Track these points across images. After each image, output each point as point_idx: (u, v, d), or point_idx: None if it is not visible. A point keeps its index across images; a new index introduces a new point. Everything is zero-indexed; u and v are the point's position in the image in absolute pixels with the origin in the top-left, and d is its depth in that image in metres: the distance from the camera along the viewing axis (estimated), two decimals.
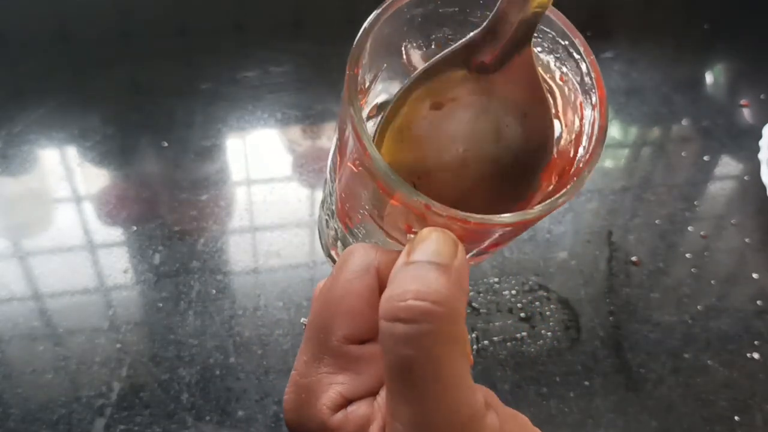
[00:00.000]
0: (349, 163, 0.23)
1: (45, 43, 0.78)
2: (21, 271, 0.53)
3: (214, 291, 0.51)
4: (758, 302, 0.52)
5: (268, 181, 0.62)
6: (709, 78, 0.81)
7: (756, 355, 0.48)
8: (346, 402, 0.19)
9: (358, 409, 0.19)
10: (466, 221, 0.19)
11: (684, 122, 0.72)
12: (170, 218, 0.57)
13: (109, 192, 0.61)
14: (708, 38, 0.85)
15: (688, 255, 0.56)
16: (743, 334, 0.49)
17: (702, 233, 0.58)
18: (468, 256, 0.21)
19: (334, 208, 0.29)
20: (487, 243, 0.22)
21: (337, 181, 0.26)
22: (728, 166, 0.66)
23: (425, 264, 0.18)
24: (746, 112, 0.73)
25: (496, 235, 0.21)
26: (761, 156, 0.59)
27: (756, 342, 0.49)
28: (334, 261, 0.33)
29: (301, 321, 0.26)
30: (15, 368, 0.46)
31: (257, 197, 0.60)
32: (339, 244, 0.31)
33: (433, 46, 0.27)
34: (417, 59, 0.27)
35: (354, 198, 0.25)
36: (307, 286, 0.52)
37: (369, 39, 0.26)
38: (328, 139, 0.67)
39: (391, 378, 0.18)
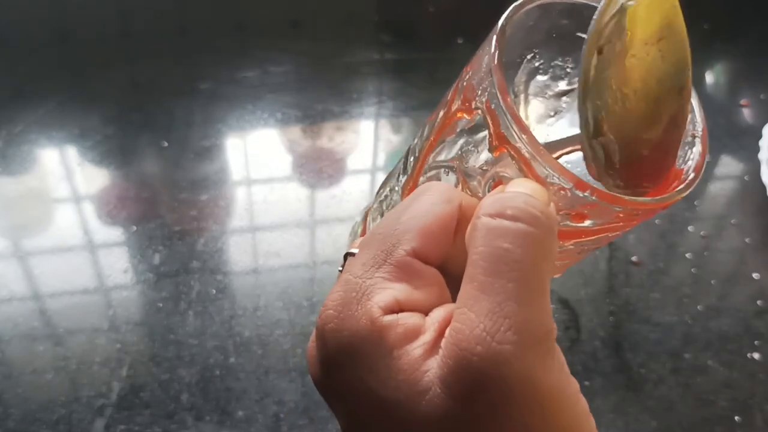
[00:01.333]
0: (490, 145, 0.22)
1: (45, 43, 0.78)
2: (21, 271, 0.53)
3: (214, 291, 0.51)
4: (758, 302, 0.52)
5: (268, 181, 0.62)
6: (709, 78, 0.81)
7: (756, 355, 0.48)
8: (399, 308, 0.19)
9: (410, 318, 0.18)
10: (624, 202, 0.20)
11: None
12: (170, 218, 0.57)
13: (109, 192, 0.61)
14: (708, 38, 0.85)
15: (688, 255, 0.56)
16: (743, 334, 0.49)
17: (702, 233, 0.58)
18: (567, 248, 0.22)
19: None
20: (605, 227, 0.22)
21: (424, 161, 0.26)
22: (728, 166, 0.66)
23: (528, 191, 0.19)
24: (746, 112, 0.73)
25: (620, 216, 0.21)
26: (761, 156, 0.59)
27: (756, 342, 0.49)
28: None
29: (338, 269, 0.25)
30: (15, 368, 0.46)
31: (257, 197, 0.60)
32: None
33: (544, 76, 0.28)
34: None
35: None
36: (307, 286, 0.52)
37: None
38: (329, 139, 0.67)
39: (477, 269, 0.18)
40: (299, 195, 0.60)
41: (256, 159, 0.65)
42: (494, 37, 0.24)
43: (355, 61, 0.76)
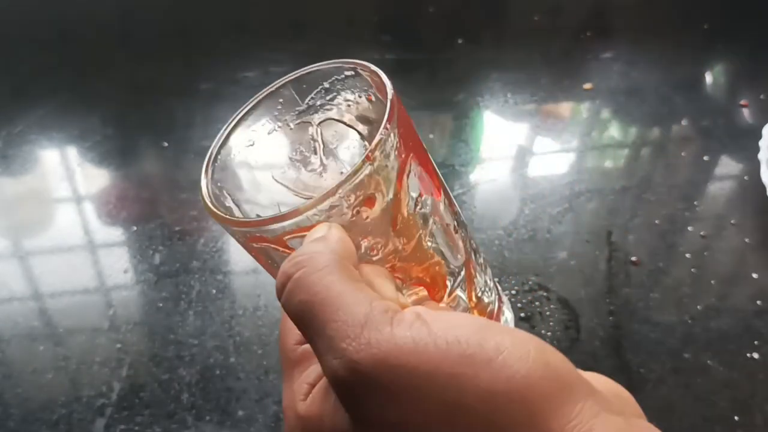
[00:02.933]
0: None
1: (45, 43, 0.78)
2: (21, 271, 0.53)
3: (214, 291, 0.51)
4: (758, 302, 0.52)
5: None
6: (709, 78, 0.81)
7: (756, 355, 0.48)
8: (311, 389, 0.21)
9: (319, 387, 0.21)
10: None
11: (684, 122, 0.72)
12: (170, 218, 0.57)
13: (109, 192, 0.61)
14: (708, 38, 0.85)
15: (688, 255, 0.56)
16: (743, 334, 0.49)
17: (702, 233, 0.58)
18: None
19: None
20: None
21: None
22: (728, 166, 0.66)
23: (301, 247, 0.21)
24: (746, 112, 0.73)
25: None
26: (761, 156, 0.59)
27: (756, 342, 0.49)
28: None
29: None
30: (15, 368, 0.46)
31: None
32: None
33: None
34: None
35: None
36: None
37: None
38: None
39: (304, 332, 0.20)
40: None
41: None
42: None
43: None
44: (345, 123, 0.32)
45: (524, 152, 0.68)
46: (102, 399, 0.44)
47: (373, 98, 0.30)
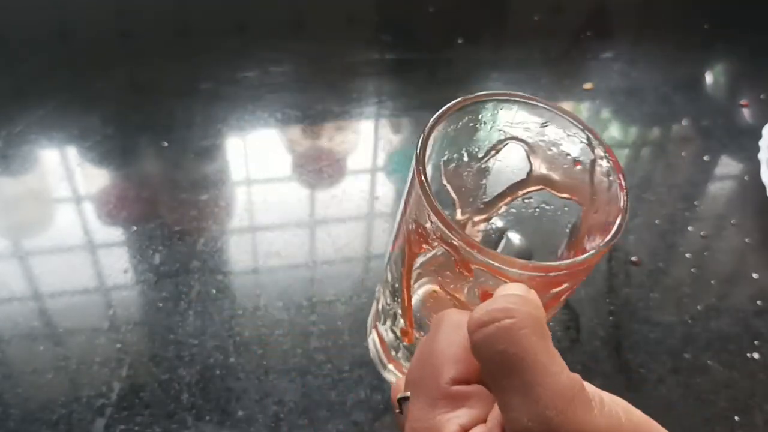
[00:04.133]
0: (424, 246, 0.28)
1: (45, 43, 0.78)
2: (21, 271, 0.53)
3: (214, 291, 0.51)
4: (758, 302, 0.52)
5: (268, 181, 0.62)
6: (709, 78, 0.81)
7: (756, 355, 0.48)
8: (464, 430, 0.22)
9: (477, 430, 0.21)
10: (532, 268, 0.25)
11: (684, 122, 0.72)
12: (170, 218, 0.57)
13: (109, 192, 0.61)
14: (708, 38, 0.85)
15: (688, 255, 0.56)
16: (743, 334, 0.49)
17: (702, 233, 0.58)
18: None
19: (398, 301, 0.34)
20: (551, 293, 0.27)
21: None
22: (728, 166, 0.66)
23: (502, 295, 0.22)
24: (746, 112, 0.73)
25: (558, 283, 0.27)
26: (761, 156, 0.59)
27: (756, 342, 0.49)
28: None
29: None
30: (15, 368, 0.46)
31: (257, 197, 0.60)
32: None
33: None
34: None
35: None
36: (307, 286, 0.52)
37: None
38: (329, 139, 0.67)
39: (495, 378, 0.21)
40: (299, 195, 0.60)
41: (256, 159, 0.65)
42: (422, 180, 0.28)
43: (355, 61, 0.76)
44: (529, 157, 0.34)
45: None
46: (102, 399, 0.44)
47: (580, 167, 0.32)
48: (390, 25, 0.83)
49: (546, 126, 0.32)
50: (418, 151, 0.29)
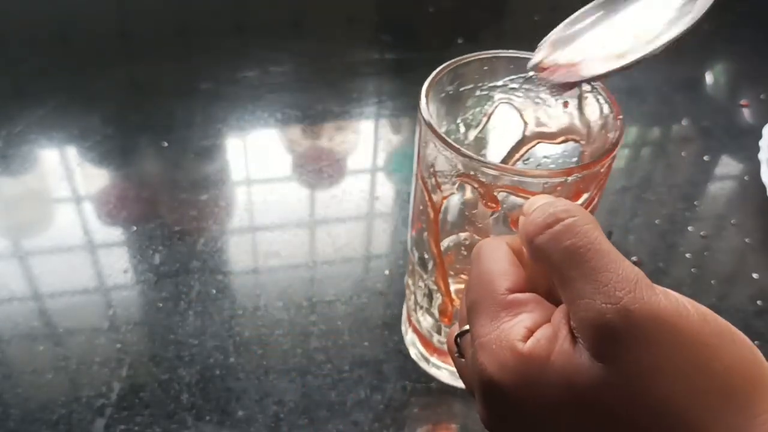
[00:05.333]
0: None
1: (45, 43, 0.78)
2: (21, 271, 0.53)
3: (214, 291, 0.51)
4: (758, 302, 0.52)
5: (268, 181, 0.62)
6: (709, 78, 0.81)
7: None
8: (531, 333, 0.22)
9: (544, 330, 0.22)
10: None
11: (684, 122, 0.72)
12: (170, 218, 0.57)
13: (109, 192, 0.61)
14: (708, 38, 0.85)
15: (688, 255, 0.56)
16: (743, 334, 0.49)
17: (702, 233, 0.58)
18: None
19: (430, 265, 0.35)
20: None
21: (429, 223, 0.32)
22: (728, 166, 0.66)
23: (545, 203, 0.23)
24: (746, 112, 0.73)
25: (578, 192, 0.28)
26: (761, 156, 0.59)
27: (756, 342, 0.49)
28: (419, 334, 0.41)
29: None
30: (15, 368, 0.46)
31: (257, 197, 0.60)
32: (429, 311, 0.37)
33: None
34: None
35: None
36: (307, 286, 0.52)
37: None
38: (329, 139, 0.67)
39: (563, 273, 0.22)
40: (299, 195, 0.60)
41: (256, 159, 0.65)
42: (428, 126, 0.30)
43: (355, 61, 0.76)
44: (520, 115, 0.34)
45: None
46: (102, 399, 0.44)
47: (569, 108, 0.33)
48: (390, 25, 0.83)
49: (530, 78, 0.33)
50: (423, 92, 0.31)
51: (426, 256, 0.34)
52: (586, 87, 0.31)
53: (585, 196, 0.29)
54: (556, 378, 0.21)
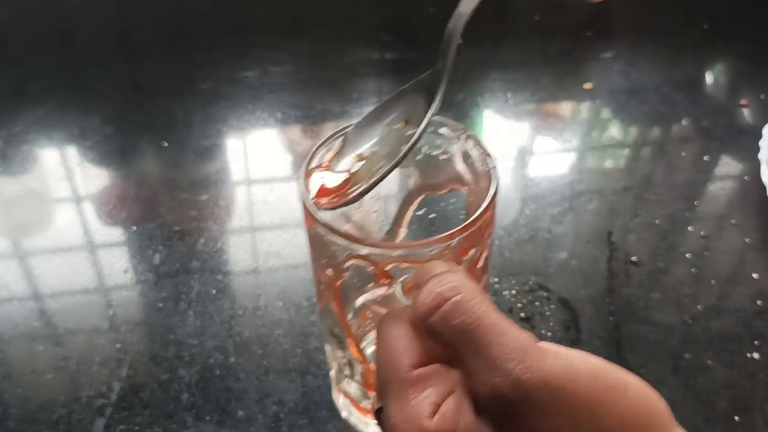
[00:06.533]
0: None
1: (45, 43, 0.78)
2: (21, 271, 0.53)
3: (214, 291, 0.51)
4: (758, 302, 0.52)
5: (268, 181, 0.62)
6: (709, 78, 0.81)
7: (756, 355, 0.48)
8: (437, 407, 0.23)
9: (448, 404, 0.23)
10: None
11: (684, 122, 0.72)
12: (170, 218, 0.57)
13: (109, 192, 0.61)
14: (708, 38, 0.85)
15: (688, 255, 0.56)
16: (743, 334, 0.49)
17: (702, 233, 0.58)
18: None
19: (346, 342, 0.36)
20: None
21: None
22: (728, 166, 0.66)
23: (433, 282, 0.24)
24: (746, 112, 0.73)
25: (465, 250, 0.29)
26: (761, 156, 0.59)
27: (756, 342, 0.49)
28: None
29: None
30: (15, 368, 0.46)
31: (257, 197, 0.60)
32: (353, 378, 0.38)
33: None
34: None
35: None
36: (307, 286, 0.52)
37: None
38: None
39: (457, 349, 0.23)
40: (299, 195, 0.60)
41: (256, 159, 0.65)
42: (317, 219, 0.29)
43: (355, 61, 0.76)
44: (404, 171, 0.36)
45: (524, 152, 0.68)
46: (102, 399, 0.44)
47: (446, 157, 0.34)
48: (390, 25, 0.83)
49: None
50: (300, 186, 0.31)
51: (337, 330, 0.35)
52: (462, 137, 0.32)
53: (473, 251, 0.29)
54: None
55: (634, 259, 0.55)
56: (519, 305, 0.51)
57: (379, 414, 0.26)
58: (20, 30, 0.79)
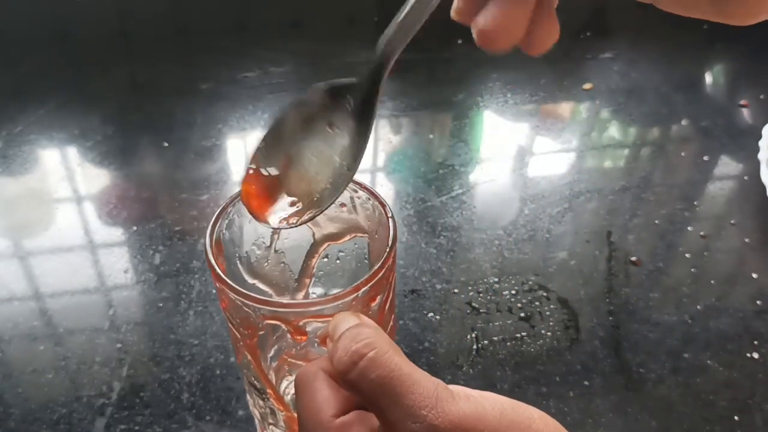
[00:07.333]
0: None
1: (45, 43, 0.78)
2: (21, 271, 0.54)
3: (214, 291, 0.51)
4: (758, 302, 0.52)
5: None
6: (708, 78, 0.82)
7: (756, 355, 0.48)
8: None
9: None
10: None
11: (684, 122, 0.72)
12: (170, 218, 0.57)
13: (110, 192, 0.61)
14: (708, 38, 0.85)
15: (687, 255, 0.56)
16: (743, 334, 0.49)
17: (702, 233, 0.58)
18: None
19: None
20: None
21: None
22: (728, 166, 0.66)
23: (344, 333, 0.26)
24: (746, 112, 0.74)
25: (372, 298, 0.31)
26: (761, 156, 0.60)
27: (756, 342, 0.49)
28: None
29: None
30: (15, 368, 0.46)
31: None
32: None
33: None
34: None
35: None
36: None
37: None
38: None
39: (374, 401, 0.24)
40: None
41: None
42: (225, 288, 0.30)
43: (355, 61, 0.76)
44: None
45: (524, 152, 0.68)
46: (102, 399, 0.44)
47: (346, 208, 0.35)
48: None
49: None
50: (207, 249, 0.31)
51: (257, 383, 0.36)
52: (352, 186, 0.34)
53: (379, 298, 0.31)
54: None
55: (633, 258, 0.55)
56: (519, 305, 0.51)
57: None
58: (20, 30, 0.79)
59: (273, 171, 0.31)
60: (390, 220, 0.32)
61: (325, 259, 0.38)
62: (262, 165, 0.31)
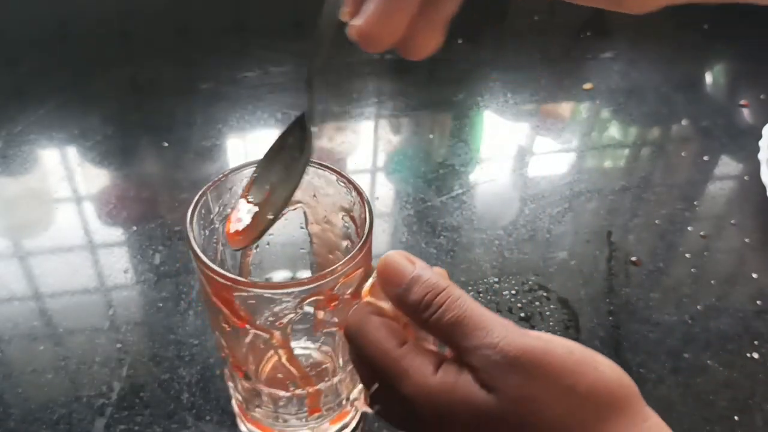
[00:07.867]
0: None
1: (45, 43, 0.78)
2: (21, 271, 0.53)
3: None
4: (758, 302, 0.52)
5: None
6: (708, 78, 0.82)
7: (756, 355, 0.48)
8: (436, 364, 0.27)
9: (447, 366, 0.27)
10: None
11: (684, 122, 0.72)
12: (170, 218, 0.57)
13: (110, 192, 0.61)
14: (708, 38, 0.85)
15: (687, 255, 0.56)
16: (743, 334, 0.49)
17: (702, 233, 0.58)
18: None
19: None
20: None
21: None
22: (728, 166, 0.66)
23: (414, 279, 0.29)
24: (746, 112, 0.74)
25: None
26: (761, 156, 0.59)
27: (756, 342, 0.49)
28: None
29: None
30: (15, 368, 0.46)
31: None
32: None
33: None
34: None
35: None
36: None
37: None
38: (329, 139, 0.67)
39: (451, 336, 0.27)
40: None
41: (256, 159, 0.65)
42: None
43: (355, 61, 0.76)
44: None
45: (524, 152, 0.68)
46: (102, 399, 0.44)
47: (317, 195, 0.38)
48: None
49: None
50: (187, 230, 0.33)
51: (251, 367, 0.38)
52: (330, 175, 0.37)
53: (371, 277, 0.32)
54: (461, 399, 0.26)
55: (633, 258, 0.55)
56: (519, 305, 0.51)
57: (374, 400, 0.30)
58: (20, 30, 0.79)
59: (256, 199, 0.33)
60: (366, 204, 0.34)
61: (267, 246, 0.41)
62: (249, 196, 0.34)
